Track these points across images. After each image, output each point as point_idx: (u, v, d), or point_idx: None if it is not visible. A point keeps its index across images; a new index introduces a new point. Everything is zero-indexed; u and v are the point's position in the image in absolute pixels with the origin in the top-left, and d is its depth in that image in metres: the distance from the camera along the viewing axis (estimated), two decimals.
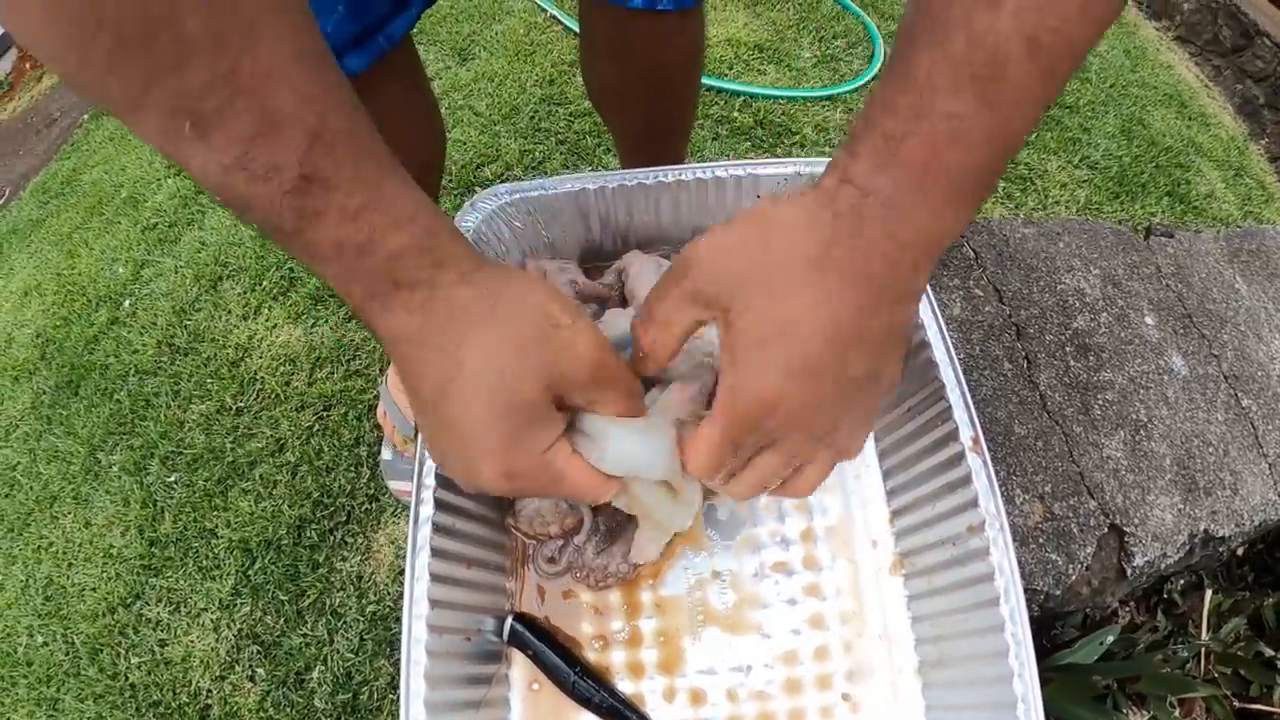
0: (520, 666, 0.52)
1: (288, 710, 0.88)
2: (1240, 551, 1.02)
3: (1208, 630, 0.92)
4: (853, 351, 0.30)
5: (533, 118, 1.43)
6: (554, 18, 1.64)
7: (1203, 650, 0.89)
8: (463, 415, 0.31)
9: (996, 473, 0.70)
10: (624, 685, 0.52)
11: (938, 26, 0.27)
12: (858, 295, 0.29)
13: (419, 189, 0.31)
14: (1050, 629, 0.86)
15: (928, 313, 0.56)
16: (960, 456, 0.51)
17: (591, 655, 0.53)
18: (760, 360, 0.30)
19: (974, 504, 0.50)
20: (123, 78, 0.24)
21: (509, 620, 0.50)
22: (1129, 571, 0.69)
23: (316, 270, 0.30)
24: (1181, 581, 0.97)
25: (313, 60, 0.27)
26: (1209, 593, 0.94)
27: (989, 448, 0.52)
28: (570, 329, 0.32)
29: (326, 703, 0.88)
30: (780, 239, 0.30)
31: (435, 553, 0.46)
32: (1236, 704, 0.87)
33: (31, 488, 1.12)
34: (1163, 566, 0.73)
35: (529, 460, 0.32)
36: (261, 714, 0.88)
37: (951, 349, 0.54)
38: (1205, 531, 0.74)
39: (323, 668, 0.90)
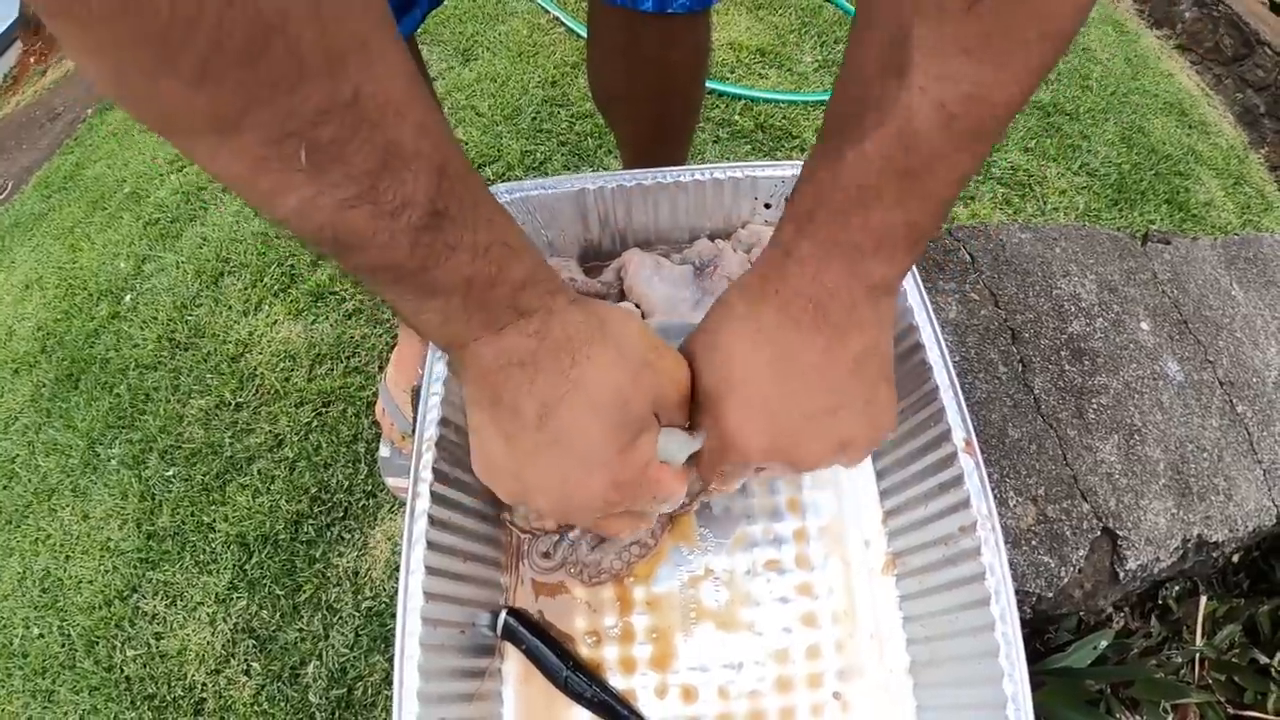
0: (513, 660, 0.52)
1: (282, 705, 0.88)
2: (1235, 558, 1.02)
3: (1202, 636, 0.92)
4: (805, 385, 0.34)
5: (535, 119, 1.44)
6: (557, 19, 1.65)
7: (1197, 656, 0.89)
8: (578, 429, 0.32)
9: (990, 475, 0.70)
10: (616, 681, 0.52)
11: (850, 100, 0.29)
12: (794, 335, 0.33)
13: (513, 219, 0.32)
14: (1044, 633, 0.86)
15: (922, 315, 0.56)
16: (953, 457, 0.52)
17: (584, 651, 0.53)
18: (722, 410, 0.35)
19: (966, 505, 0.50)
20: (216, 93, 0.20)
21: (502, 614, 0.51)
22: (1122, 575, 0.69)
23: (423, 307, 0.29)
24: (1176, 588, 0.97)
25: (420, 86, 0.25)
26: (1204, 599, 0.94)
27: (983, 450, 0.52)
28: (669, 358, 0.36)
29: (321, 698, 0.88)
30: (723, 316, 0.36)
31: (431, 546, 0.46)
32: (1231, 711, 0.87)
33: (30, 480, 1.13)
34: (1156, 571, 0.73)
35: (634, 470, 0.35)
36: (256, 708, 0.88)
37: (946, 351, 0.54)
38: (1199, 536, 0.74)
39: (318, 663, 0.90)
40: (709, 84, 1.47)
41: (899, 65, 0.26)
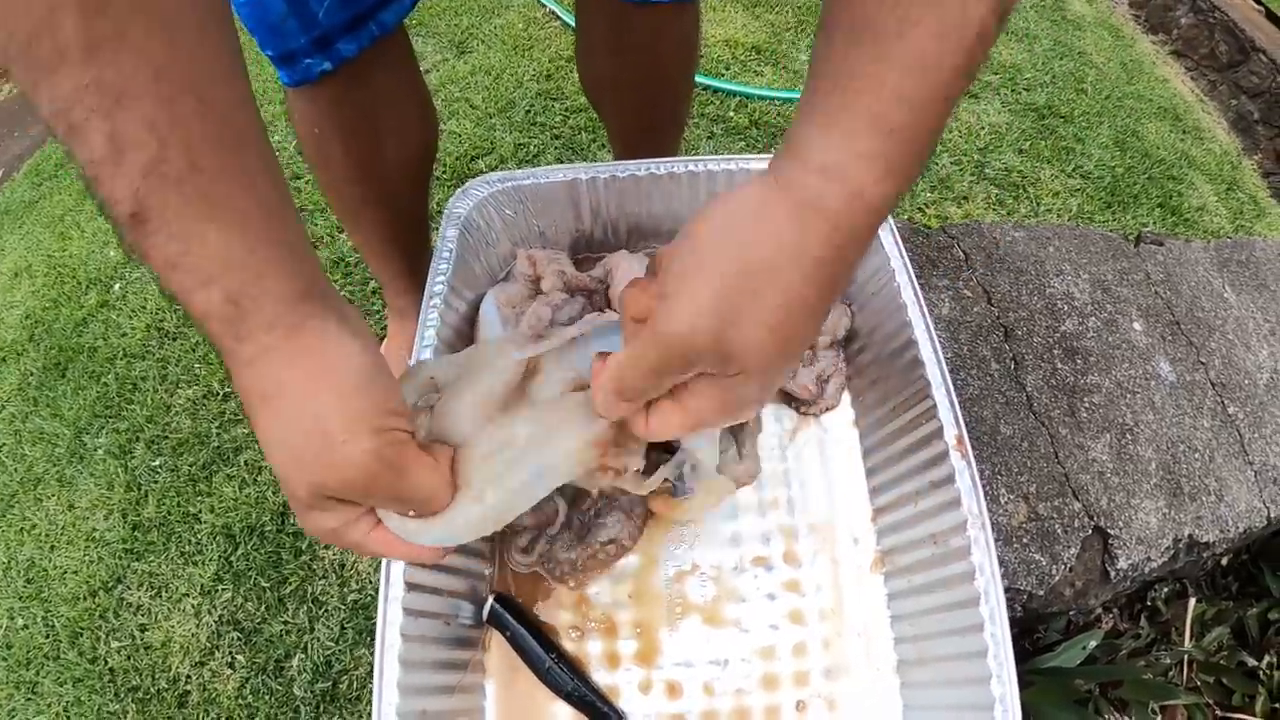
0: (497, 654, 0.51)
1: (266, 698, 0.87)
2: (1225, 561, 1.02)
3: (1191, 639, 0.92)
4: (770, 264, 0.29)
5: (528, 112, 1.43)
6: (553, 13, 1.64)
7: (1185, 658, 0.89)
8: (273, 460, 0.31)
9: (981, 472, 0.70)
10: (600, 676, 0.52)
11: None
12: (773, 213, 0.29)
13: (259, 231, 0.28)
14: (1033, 633, 0.86)
15: (915, 310, 0.55)
16: (944, 455, 0.51)
17: (569, 644, 0.52)
18: (665, 281, 0.30)
19: (956, 503, 0.50)
20: (19, 71, 0.24)
21: (490, 600, 0.50)
22: (1112, 574, 0.69)
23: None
24: (1165, 589, 0.97)
25: (176, 80, 0.25)
26: (1192, 601, 0.94)
27: (974, 447, 0.52)
28: (344, 444, 0.30)
29: (306, 691, 0.87)
30: (721, 210, 0.31)
31: None
32: (1219, 713, 0.87)
33: (15, 469, 1.11)
34: (1147, 570, 0.73)
35: (323, 522, 0.32)
36: (240, 701, 0.87)
37: (938, 348, 0.54)
38: (1190, 537, 0.74)
39: (303, 655, 0.89)
40: (704, 80, 1.47)
41: None
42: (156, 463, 1.07)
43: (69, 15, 0.22)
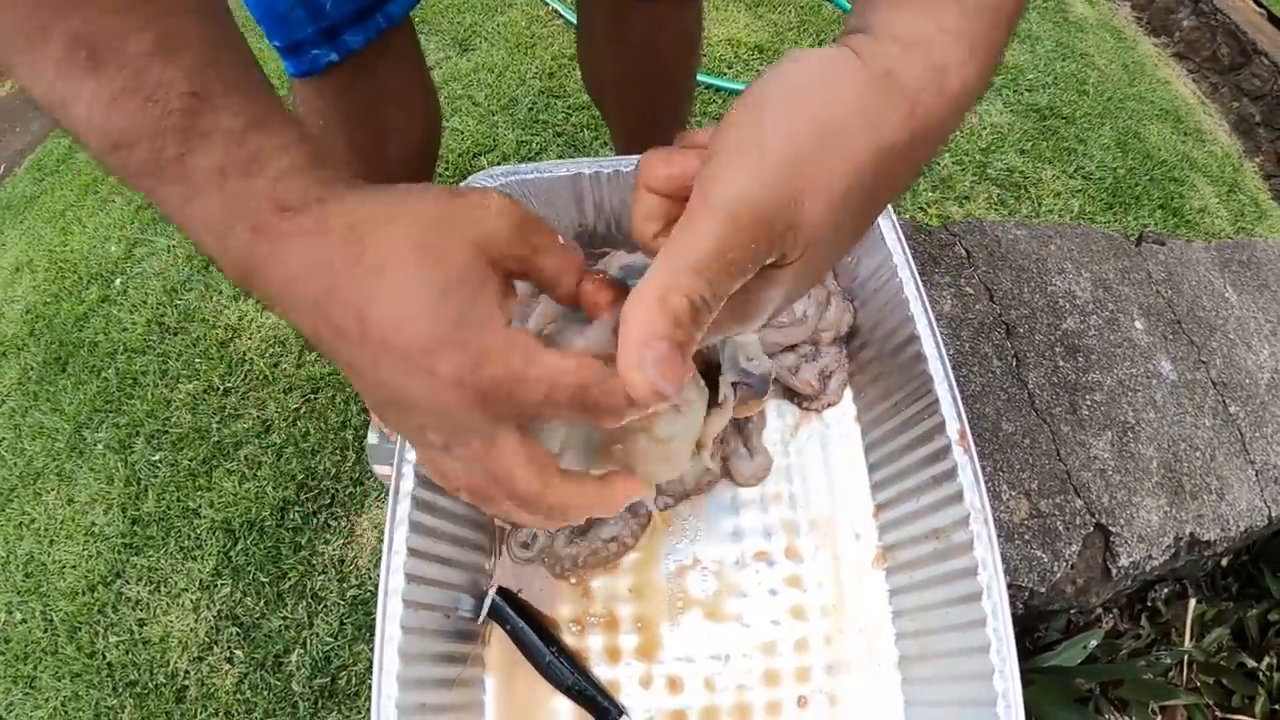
0: (497, 648, 0.51)
1: (265, 693, 0.87)
2: (1225, 562, 1.02)
3: (1191, 639, 0.92)
4: (845, 139, 0.24)
5: (531, 109, 1.43)
6: (555, 11, 1.64)
7: (1186, 658, 0.89)
8: (398, 321, 0.25)
9: (983, 469, 0.70)
10: (601, 670, 0.52)
11: None
12: (874, 96, 0.24)
13: (308, 132, 0.28)
14: (1033, 631, 0.86)
15: (918, 306, 0.55)
16: (946, 450, 0.51)
17: (569, 639, 0.52)
18: (797, 279, 0.25)
19: (959, 498, 0.50)
20: (27, 9, 0.23)
21: (491, 593, 0.50)
22: (1114, 571, 0.69)
23: (195, 218, 0.26)
24: (1165, 590, 0.97)
25: (210, 3, 0.27)
26: (1192, 602, 0.94)
27: (976, 443, 0.52)
28: (481, 192, 0.27)
29: (304, 686, 0.87)
30: (790, 68, 0.25)
31: (414, 528, 0.46)
32: (1219, 714, 0.87)
33: (15, 463, 1.11)
34: (1148, 568, 0.73)
35: (488, 338, 0.26)
36: (239, 696, 0.87)
37: (941, 344, 0.54)
38: (1191, 535, 0.74)
39: (301, 651, 0.89)
40: (707, 79, 1.47)
41: None
42: (156, 457, 1.07)
43: None
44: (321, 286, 0.25)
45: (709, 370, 0.44)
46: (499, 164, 1.35)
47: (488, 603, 0.49)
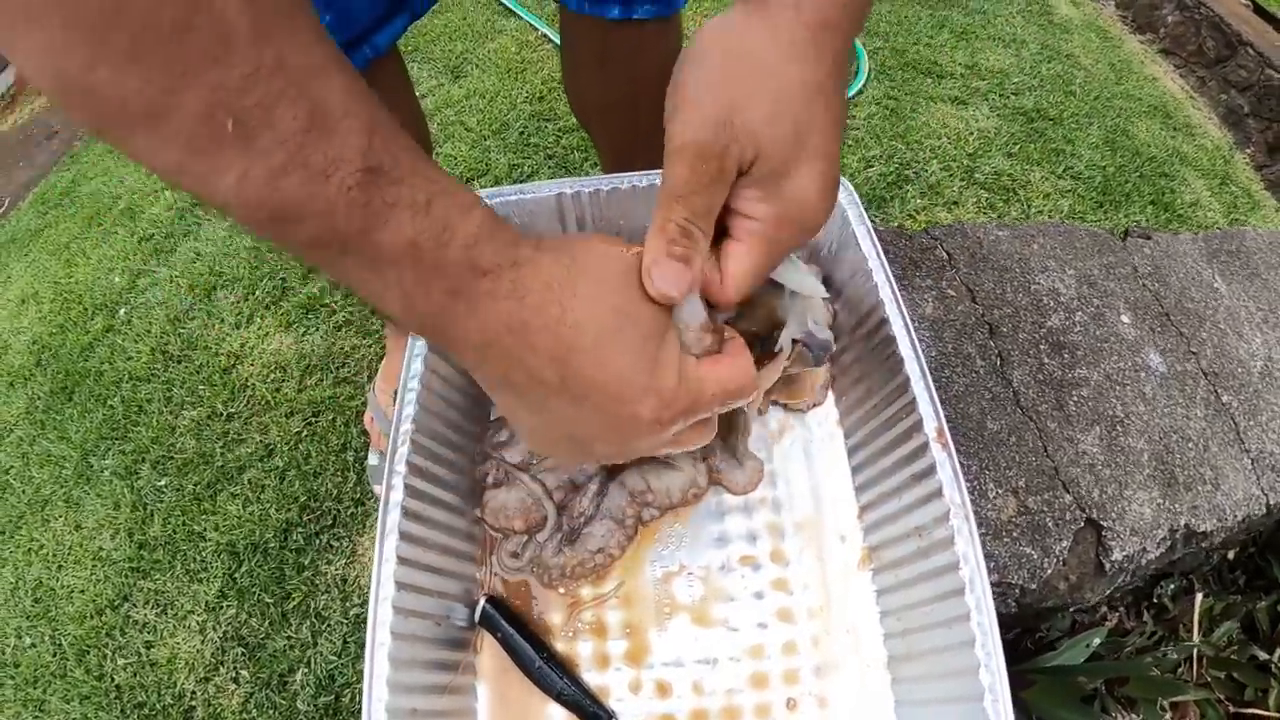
0: (488, 655, 0.52)
1: (270, 712, 0.88)
2: (1232, 555, 1.01)
3: (1199, 634, 0.91)
4: (823, 113, 0.33)
5: (522, 133, 1.46)
6: (545, 36, 1.67)
7: (1194, 653, 0.88)
8: (603, 370, 0.30)
9: (968, 468, 0.70)
10: (591, 676, 0.52)
11: None
12: (842, 90, 0.33)
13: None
14: (1035, 631, 0.86)
15: (893, 308, 0.56)
16: (924, 448, 0.52)
17: (560, 645, 0.53)
18: (809, 185, 0.32)
19: (939, 494, 0.50)
20: (147, 74, 0.20)
21: (482, 601, 0.51)
22: (1108, 566, 0.69)
23: (382, 284, 0.27)
24: (1172, 586, 0.96)
25: (342, 55, 0.26)
26: (1199, 596, 0.93)
27: (960, 443, 0.53)
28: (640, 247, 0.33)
29: (309, 705, 0.88)
30: (766, 66, 0.32)
31: (404, 537, 0.47)
32: (1231, 709, 0.86)
33: (24, 491, 1.13)
34: (1144, 562, 0.73)
35: (673, 380, 0.32)
36: (245, 716, 0.88)
37: (917, 344, 0.55)
38: (1186, 526, 0.74)
39: (306, 670, 0.90)
40: None
41: None
42: (162, 483, 1.08)
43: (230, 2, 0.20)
44: (523, 343, 0.29)
45: (775, 327, 0.49)
46: (491, 187, 1.38)
47: (478, 611, 0.50)
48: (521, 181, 1.38)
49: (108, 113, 0.21)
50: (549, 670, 0.49)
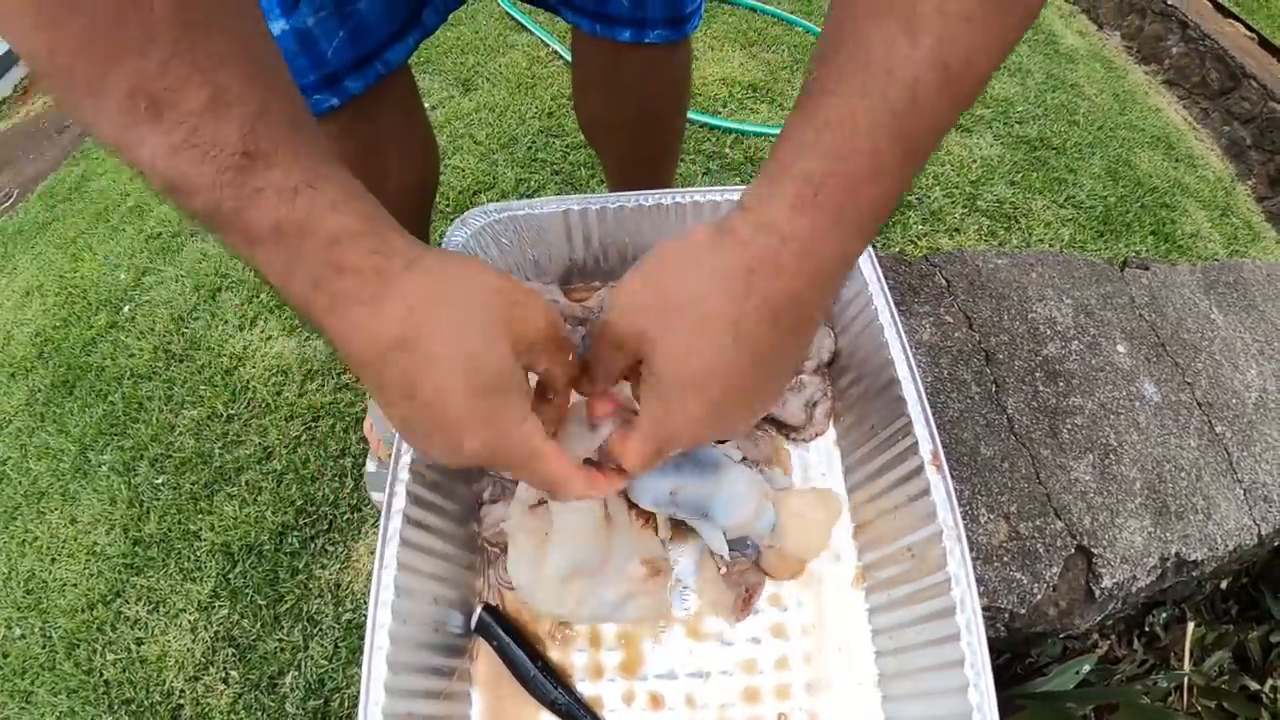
0: (483, 663, 0.52)
1: (259, 714, 0.88)
2: (1224, 585, 1.02)
3: (1190, 663, 0.91)
4: (760, 378, 0.34)
5: (530, 148, 1.47)
6: (555, 52, 1.69)
7: (1185, 682, 0.88)
8: (440, 403, 0.31)
9: (961, 492, 0.71)
10: (584, 686, 0.53)
11: (857, 61, 0.28)
12: (770, 336, 0.32)
13: (357, 181, 0.31)
14: (1025, 657, 0.86)
15: (892, 333, 0.57)
16: (919, 470, 0.52)
17: (554, 654, 0.53)
18: (681, 406, 0.34)
19: (932, 516, 0.51)
20: (89, 60, 0.24)
21: (478, 609, 0.51)
22: (1097, 593, 0.69)
23: (258, 263, 0.29)
24: (1164, 614, 0.97)
25: (260, 51, 0.29)
26: (1191, 625, 0.93)
27: (954, 467, 0.53)
28: (524, 302, 0.34)
29: (298, 708, 0.88)
30: (692, 286, 0.33)
31: (404, 543, 0.47)
32: None
33: (20, 483, 1.14)
34: (1134, 590, 0.73)
35: (504, 438, 0.33)
36: (233, 716, 0.88)
37: (914, 369, 0.56)
38: (1177, 555, 0.74)
39: (296, 673, 0.90)
40: (701, 117, 1.51)
41: (909, 28, 0.27)
42: (159, 480, 1.09)
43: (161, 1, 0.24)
44: (374, 352, 0.30)
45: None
46: (498, 200, 1.39)
47: (475, 619, 0.51)
48: (528, 196, 1.39)
49: (65, 89, 0.25)
50: (543, 679, 0.50)
